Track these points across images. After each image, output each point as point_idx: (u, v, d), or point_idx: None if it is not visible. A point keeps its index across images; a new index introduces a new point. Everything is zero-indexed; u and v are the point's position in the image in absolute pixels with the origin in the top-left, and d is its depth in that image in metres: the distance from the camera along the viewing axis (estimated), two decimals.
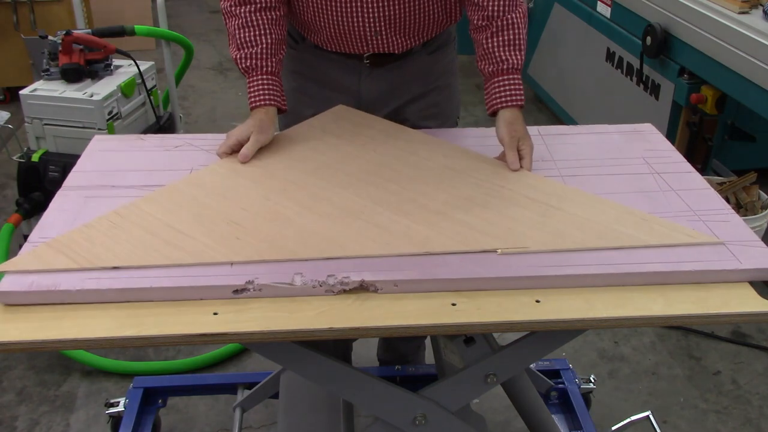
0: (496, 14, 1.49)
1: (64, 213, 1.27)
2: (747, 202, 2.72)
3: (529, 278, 1.13)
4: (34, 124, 2.50)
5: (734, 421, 2.18)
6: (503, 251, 1.18)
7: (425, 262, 1.15)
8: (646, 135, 1.61)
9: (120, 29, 2.61)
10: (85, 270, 1.11)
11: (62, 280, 1.09)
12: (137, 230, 1.21)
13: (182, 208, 1.27)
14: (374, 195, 1.32)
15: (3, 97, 4.19)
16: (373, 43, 1.57)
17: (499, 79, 1.49)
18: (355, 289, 1.11)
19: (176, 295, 1.09)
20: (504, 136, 1.46)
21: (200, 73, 4.76)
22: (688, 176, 1.45)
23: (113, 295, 1.08)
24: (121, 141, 1.56)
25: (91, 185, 1.36)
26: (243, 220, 1.24)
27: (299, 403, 1.71)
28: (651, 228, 1.24)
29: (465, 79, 5.07)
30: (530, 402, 1.55)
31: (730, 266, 1.16)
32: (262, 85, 1.47)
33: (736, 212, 1.33)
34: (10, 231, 2.48)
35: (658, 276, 1.15)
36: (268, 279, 1.10)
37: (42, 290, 1.07)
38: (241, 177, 1.37)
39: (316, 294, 1.10)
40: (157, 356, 2.38)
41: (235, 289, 1.09)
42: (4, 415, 2.16)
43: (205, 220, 1.24)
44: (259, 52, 1.47)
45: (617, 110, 3.25)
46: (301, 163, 1.42)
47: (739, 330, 2.56)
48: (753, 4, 2.44)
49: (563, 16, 3.70)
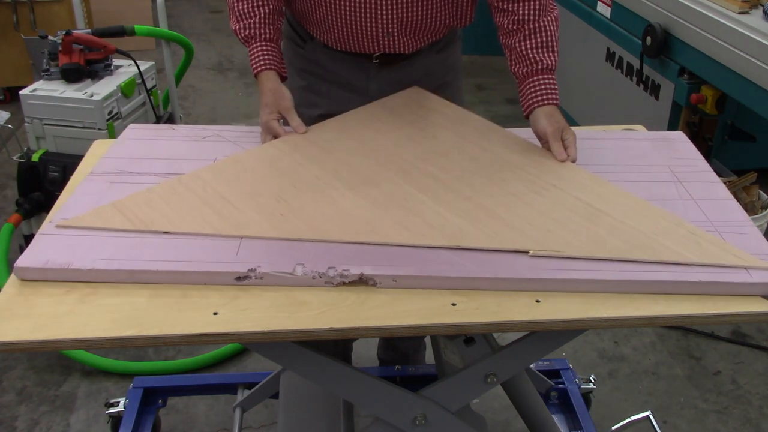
0: (527, 18, 1.48)
1: (87, 196, 1.31)
2: (747, 202, 2.72)
3: (530, 280, 1.13)
4: (34, 124, 2.50)
5: (734, 421, 2.18)
6: (535, 253, 1.17)
7: (429, 259, 1.15)
8: (675, 143, 1.58)
9: (120, 29, 2.61)
10: (138, 232, 1.20)
11: (74, 258, 1.13)
12: (193, 198, 1.29)
13: (239, 180, 1.35)
14: (422, 183, 1.34)
15: (3, 97, 4.20)
16: (384, 43, 1.57)
17: (533, 79, 1.48)
18: (354, 282, 1.11)
19: (181, 279, 1.11)
20: (546, 128, 1.44)
21: (200, 73, 4.76)
22: (712, 186, 1.41)
23: (122, 276, 1.11)
24: (153, 130, 1.61)
25: (117, 171, 1.40)
26: (291, 197, 1.29)
27: (299, 403, 1.71)
28: (698, 244, 1.20)
29: (465, 78, 5.06)
30: (530, 402, 1.55)
31: (738, 279, 1.13)
32: (262, 51, 1.51)
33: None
34: (10, 231, 2.48)
35: (664, 285, 1.12)
36: (269, 268, 1.12)
37: (55, 268, 1.11)
38: (299, 154, 1.43)
39: (315, 285, 1.11)
40: (157, 356, 2.38)
41: (238, 276, 1.11)
42: (4, 415, 2.16)
43: (256, 194, 1.30)
44: (256, 22, 1.51)
45: (617, 110, 3.25)
46: (360, 144, 1.47)
47: (739, 330, 2.56)
48: (753, 4, 2.44)
49: (563, 16, 3.67)
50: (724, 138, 3.01)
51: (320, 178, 1.35)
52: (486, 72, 4.87)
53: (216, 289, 1.11)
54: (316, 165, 1.39)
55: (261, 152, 1.45)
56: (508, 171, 1.39)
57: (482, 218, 1.24)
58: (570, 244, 1.19)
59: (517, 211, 1.27)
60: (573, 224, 1.24)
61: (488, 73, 4.86)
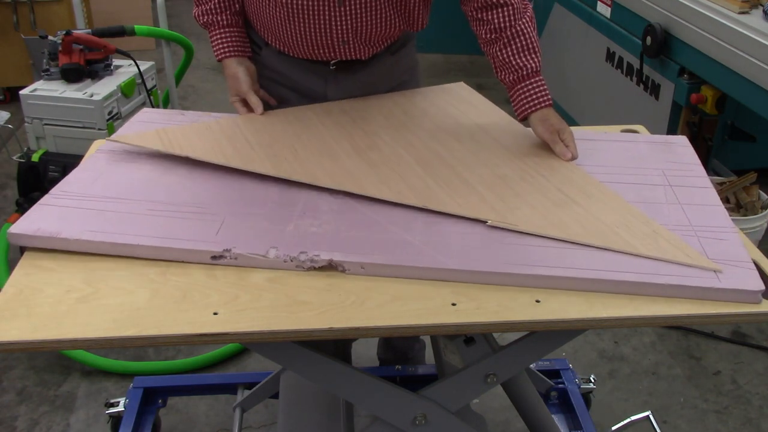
0: (504, 26, 1.50)
1: (86, 172, 1.38)
2: (747, 202, 2.71)
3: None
4: (34, 124, 2.51)
5: (734, 421, 2.18)
6: (492, 223, 1.24)
7: (400, 249, 1.19)
8: (675, 147, 1.58)
9: (120, 29, 2.61)
10: (164, 155, 1.41)
11: (63, 228, 1.19)
12: (221, 136, 1.47)
13: (266, 130, 1.51)
14: (424, 157, 1.45)
15: (3, 97, 4.20)
16: (340, 51, 1.58)
17: (522, 85, 1.51)
18: (323, 267, 1.15)
19: (160, 254, 1.17)
20: (543, 133, 1.49)
21: (200, 73, 4.76)
22: (702, 191, 1.41)
23: (105, 248, 1.17)
24: (163, 114, 1.69)
25: (120, 150, 1.47)
26: (301, 149, 1.45)
27: (299, 403, 1.71)
28: (655, 240, 1.22)
29: (466, 78, 5.06)
30: (530, 402, 1.55)
31: (706, 284, 1.12)
32: (221, 38, 1.61)
33: (736, 213, 1.31)
34: None
35: (630, 286, 1.13)
36: (244, 249, 1.17)
37: (45, 236, 1.18)
38: (330, 119, 1.58)
39: (286, 268, 1.16)
40: (157, 356, 2.39)
41: (214, 255, 1.16)
42: (4, 415, 2.16)
43: (274, 142, 1.47)
44: (212, 8, 1.60)
45: (617, 110, 3.25)
46: (386, 119, 1.59)
47: (739, 330, 2.56)
48: (753, 4, 2.44)
49: (563, 16, 3.70)
50: (724, 138, 3.01)
51: (335, 140, 1.49)
52: (486, 72, 4.87)
53: (216, 288, 1.11)
54: (339, 129, 1.53)
55: (296, 112, 1.61)
56: (507, 159, 1.46)
57: (461, 189, 1.34)
58: (530, 222, 1.25)
59: (497, 190, 1.35)
60: (542, 207, 1.30)
61: (488, 73, 4.84)
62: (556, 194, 1.34)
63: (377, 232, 1.23)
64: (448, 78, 4.54)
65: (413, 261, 1.16)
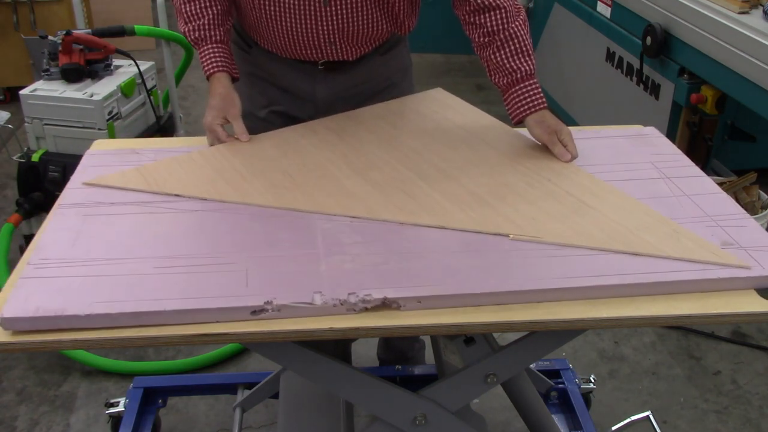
0: (497, 29, 1.49)
1: (63, 232, 1.21)
2: (747, 202, 2.71)
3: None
4: (34, 124, 2.50)
5: (734, 421, 2.18)
6: (515, 237, 1.20)
7: (456, 276, 1.12)
8: (651, 139, 1.59)
9: (120, 29, 2.61)
10: (153, 193, 1.31)
11: (67, 304, 1.03)
12: (209, 170, 1.39)
13: (255, 157, 1.44)
14: (424, 170, 1.41)
15: (3, 97, 4.20)
16: (327, 51, 1.58)
17: (516, 88, 1.51)
18: (377, 306, 1.07)
19: (191, 318, 1.03)
20: (541, 135, 1.49)
21: (200, 73, 4.70)
22: (699, 180, 1.42)
23: (126, 319, 1.02)
24: (115, 156, 1.48)
25: (89, 202, 1.30)
26: (297, 173, 1.39)
27: (299, 403, 1.71)
28: (678, 240, 1.21)
29: (466, 78, 5.07)
30: (530, 402, 1.55)
31: (739, 274, 1.13)
32: (213, 53, 1.53)
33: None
34: (10, 231, 2.48)
35: (663, 286, 1.12)
36: (286, 299, 1.05)
37: (49, 316, 1.01)
38: (317, 138, 1.53)
39: (336, 313, 1.06)
40: (157, 356, 2.38)
41: (254, 309, 1.04)
42: (4, 415, 2.16)
43: (267, 169, 1.40)
44: (205, 24, 1.52)
45: (617, 110, 3.25)
46: (374, 135, 1.54)
47: (739, 330, 2.56)
48: (753, 4, 2.44)
49: (563, 16, 3.70)
50: (724, 138, 3.01)
51: (330, 161, 1.44)
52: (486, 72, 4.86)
53: None
54: (329, 149, 1.48)
55: (281, 134, 1.55)
56: (506, 165, 1.44)
57: (473, 204, 1.30)
58: (551, 231, 1.22)
59: (508, 200, 1.32)
60: (559, 215, 1.27)
61: None
62: (567, 199, 1.32)
63: (413, 260, 1.15)
64: (448, 78, 4.54)
65: (471, 288, 1.09)
